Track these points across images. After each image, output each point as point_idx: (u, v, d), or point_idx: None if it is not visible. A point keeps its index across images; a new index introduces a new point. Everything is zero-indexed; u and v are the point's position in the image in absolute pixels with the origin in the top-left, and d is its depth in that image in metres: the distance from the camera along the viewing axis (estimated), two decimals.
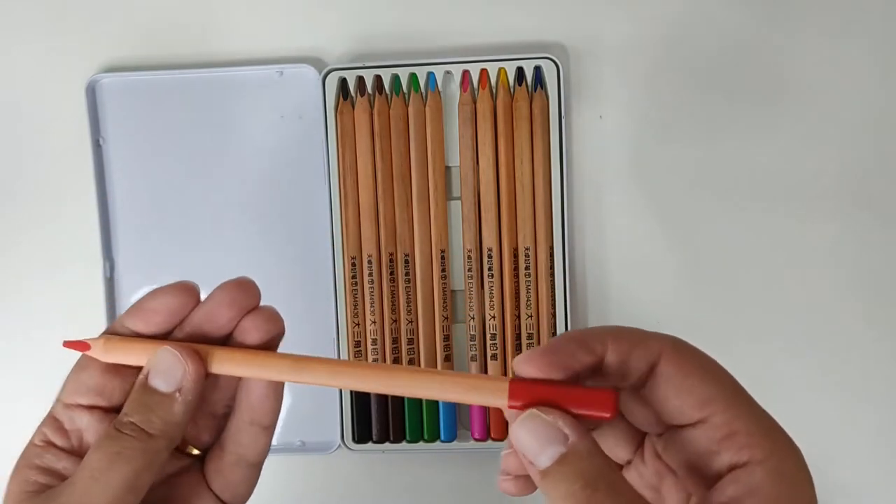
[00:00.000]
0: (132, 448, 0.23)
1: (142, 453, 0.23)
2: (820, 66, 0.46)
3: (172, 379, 0.24)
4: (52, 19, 0.49)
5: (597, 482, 0.20)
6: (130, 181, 0.48)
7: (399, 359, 0.46)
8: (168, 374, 0.24)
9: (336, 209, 0.46)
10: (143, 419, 0.23)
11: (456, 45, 0.47)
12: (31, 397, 0.50)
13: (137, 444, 0.23)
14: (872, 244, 0.46)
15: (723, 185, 0.46)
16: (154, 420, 0.23)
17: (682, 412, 0.22)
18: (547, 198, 0.45)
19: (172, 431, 0.23)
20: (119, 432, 0.23)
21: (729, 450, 0.21)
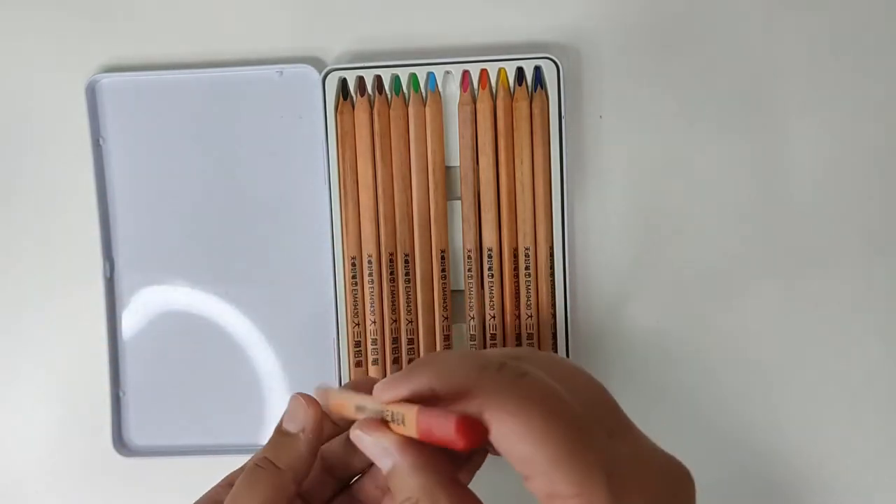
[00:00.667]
0: (264, 479, 0.27)
1: (271, 484, 0.27)
2: (822, 63, 0.46)
3: (298, 420, 0.28)
4: (52, 19, 0.49)
5: (420, 496, 0.23)
6: (130, 181, 0.48)
7: (399, 359, 0.46)
8: (295, 416, 0.28)
9: (336, 209, 0.46)
10: (274, 455, 0.28)
11: (456, 45, 0.47)
12: (31, 397, 0.50)
13: (268, 475, 0.28)
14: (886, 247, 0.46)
15: (724, 185, 0.46)
16: (282, 456, 0.27)
17: (514, 464, 0.22)
18: (547, 198, 0.45)
19: (298, 465, 0.27)
20: (256, 466, 0.28)
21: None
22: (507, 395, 0.22)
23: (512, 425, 0.22)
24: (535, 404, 0.22)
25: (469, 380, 0.22)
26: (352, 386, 0.29)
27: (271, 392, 0.48)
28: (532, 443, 0.21)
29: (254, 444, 0.48)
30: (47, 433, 0.50)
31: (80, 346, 0.49)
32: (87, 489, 0.50)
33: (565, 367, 0.24)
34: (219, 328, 0.48)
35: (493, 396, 0.22)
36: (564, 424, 0.21)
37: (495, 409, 0.22)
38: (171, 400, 0.49)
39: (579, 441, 0.21)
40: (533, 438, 0.21)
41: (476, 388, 0.22)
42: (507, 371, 0.22)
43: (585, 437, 0.21)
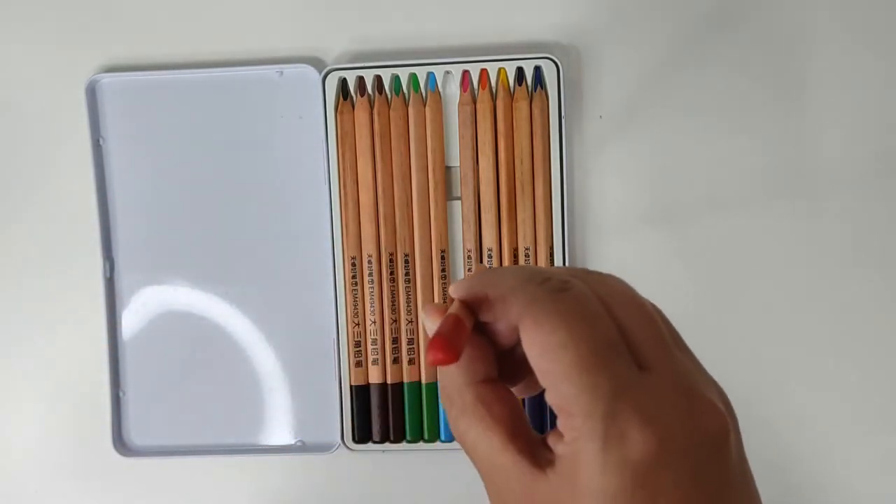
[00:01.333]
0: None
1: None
2: (824, 62, 0.46)
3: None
4: (51, 19, 0.49)
5: (450, 392, 0.24)
6: (130, 181, 0.48)
7: (399, 359, 0.46)
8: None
9: (336, 209, 0.46)
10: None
11: (456, 45, 0.47)
12: (31, 398, 0.50)
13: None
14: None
15: (724, 185, 0.46)
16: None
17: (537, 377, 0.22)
18: (547, 198, 0.45)
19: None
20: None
21: (558, 421, 0.22)
22: (541, 306, 0.22)
23: (535, 335, 0.22)
24: (562, 318, 0.22)
25: (513, 290, 0.23)
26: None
27: (271, 392, 0.48)
28: (549, 354, 0.21)
29: (254, 444, 0.48)
30: (47, 433, 0.50)
31: (80, 346, 0.49)
32: (87, 489, 0.50)
33: (618, 290, 0.23)
34: (219, 328, 0.48)
35: (528, 307, 0.22)
36: (585, 342, 0.21)
37: (526, 318, 0.22)
38: (171, 400, 0.49)
39: (593, 362, 0.21)
40: (551, 350, 0.21)
41: (516, 298, 0.23)
42: (548, 285, 0.23)
43: (601, 360, 0.21)
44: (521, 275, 0.23)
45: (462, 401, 0.23)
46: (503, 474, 0.22)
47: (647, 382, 0.21)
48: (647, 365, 0.22)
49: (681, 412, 0.21)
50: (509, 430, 0.23)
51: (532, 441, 0.23)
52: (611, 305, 0.22)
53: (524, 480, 0.22)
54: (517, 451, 0.22)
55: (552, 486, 0.21)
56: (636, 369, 0.22)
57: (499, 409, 0.23)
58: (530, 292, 0.22)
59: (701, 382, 0.22)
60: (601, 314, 0.22)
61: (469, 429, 0.23)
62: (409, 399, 0.46)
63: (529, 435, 0.23)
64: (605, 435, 0.20)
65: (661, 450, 0.20)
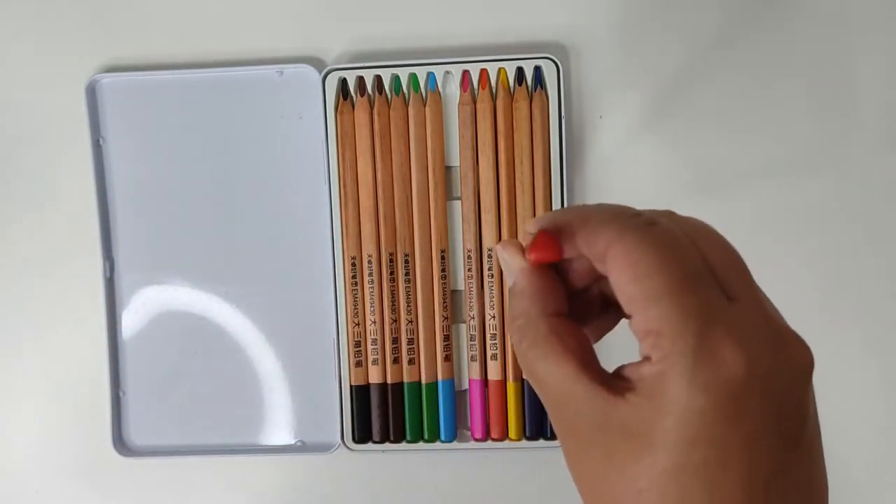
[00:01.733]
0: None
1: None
2: (822, 61, 0.46)
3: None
4: (52, 19, 0.49)
5: (522, 323, 0.24)
6: (130, 181, 0.48)
7: (399, 359, 0.46)
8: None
9: (336, 209, 0.46)
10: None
11: (456, 45, 0.47)
12: (31, 398, 0.50)
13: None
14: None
15: (725, 185, 0.46)
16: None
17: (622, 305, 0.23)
18: (547, 198, 0.45)
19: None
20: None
21: (643, 346, 0.22)
22: (632, 235, 0.22)
23: (624, 262, 0.22)
24: (651, 245, 0.22)
25: (602, 221, 0.23)
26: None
27: (271, 392, 0.48)
28: (640, 280, 0.22)
29: (254, 444, 0.48)
30: (47, 433, 0.50)
31: (80, 346, 0.49)
32: (87, 489, 0.50)
33: (703, 228, 0.24)
34: (219, 328, 0.48)
35: (619, 236, 0.23)
36: (675, 268, 0.22)
37: (616, 246, 0.22)
38: (171, 400, 0.49)
39: (684, 286, 0.22)
40: (642, 275, 0.22)
41: (606, 228, 0.23)
42: (638, 219, 0.23)
43: (692, 285, 0.22)
44: (610, 208, 0.24)
45: (535, 332, 0.24)
46: (575, 403, 0.23)
47: (736, 310, 0.22)
48: (734, 296, 0.22)
49: (771, 340, 0.22)
50: (581, 360, 0.23)
51: (603, 372, 0.23)
52: (697, 241, 0.23)
53: (599, 406, 0.22)
54: (590, 380, 0.23)
55: (632, 408, 0.22)
56: (724, 298, 0.22)
57: (571, 341, 0.24)
58: (620, 223, 0.23)
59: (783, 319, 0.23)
60: (689, 246, 0.23)
61: (540, 359, 0.24)
62: (409, 399, 0.46)
63: (599, 367, 0.24)
64: (697, 353, 0.21)
65: (751, 372, 0.21)
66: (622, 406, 0.22)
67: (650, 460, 0.21)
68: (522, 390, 0.46)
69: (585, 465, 0.23)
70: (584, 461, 0.23)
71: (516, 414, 0.46)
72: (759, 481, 0.21)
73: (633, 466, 0.21)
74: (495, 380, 0.46)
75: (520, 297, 0.25)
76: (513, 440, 0.46)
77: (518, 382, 0.46)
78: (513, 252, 0.25)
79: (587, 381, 0.23)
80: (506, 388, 0.46)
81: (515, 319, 0.25)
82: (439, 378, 0.47)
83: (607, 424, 0.22)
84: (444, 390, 0.47)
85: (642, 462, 0.21)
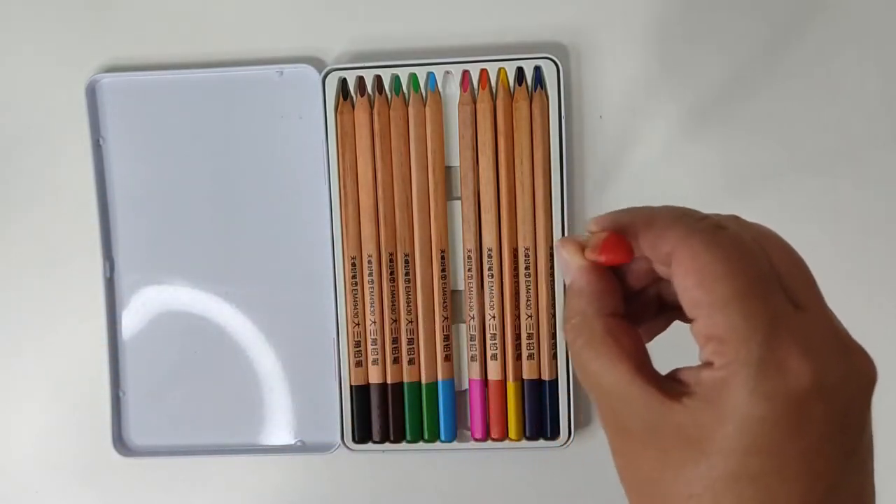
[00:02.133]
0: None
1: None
2: (821, 62, 0.46)
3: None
4: (51, 19, 0.49)
5: (578, 322, 0.24)
6: (130, 181, 0.48)
7: (399, 359, 0.46)
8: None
9: (336, 209, 0.46)
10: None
11: (456, 45, 0.47)
12: (31, 397, 0.50)
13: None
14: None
15: (725, 185, 0.46)
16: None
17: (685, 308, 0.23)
18: (547, 198, 0.45)
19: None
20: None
21: (704, 351, 0.22)
22: (699, 238, 0.22)
23: (691, 266, 0.22)
24: (719, 249, 0.22)
25: (668, 223, 0.23)
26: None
27: (271, 392, 0.48)
28: (706, 284, 0.22)
29: (254, 444, 0.48)
30: (47, 433, 0.50)
31: (80, 346, 0.49)
32: (87, 489, 0.50)
33: (770, 234, 0.24)
34: (219, 328, 0.48)
35: (686, 239, 0.22)
36: (743, 274, 0.22)
37: (683, 250, 0.22)
38: (171, 400, 0.49)
39: (751, 292, 0.21)
40: (709, 280, 0.22)
41: (672, 231, 0.23)
42: (705, 222, 0.23)
43: (760, 292, 0.21)
44: (676, 210, 0.24)
45: (590, 331, 0.24)
46: (629, 404, 0.23)
47: (803, 319, 0.21)
48: (801, 305, 0.22)
49: (837, 351, 0.21)
50: (637, 361, 0.23)
51: (657, 374, 0.23)
52: (765, 247, 0.23)
53: (654, 408, 0.22)
54: (645, 381, 0.22)
55: (689, 413, 0.21)
56: (791, 306, 0.22)
57: (627, 342, 0.23)
58: (687, 226, 0.23)
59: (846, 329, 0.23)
60: (757, 252, 0.22)
61: (594, 359, 0.23)
62: (409, 399, 0.46)
63: (653, 369, 0.23)
64: (762, 361, 0.21)
65: (817, 383, 0.20)
66: (678, 410, 0.22)
67: (705, 466, 0.21)
68: (522, 390, 0.46)
69: (636, 465, 0.23)
70: (634, 462, 0.23)
71: (516, 414, 0.46)
72: (816, 493, 0.21)
73: (687, 470, 0.21)
74: (495, 380, 0.46)
75: (577, 295, 0.25)
76: (513, 440, 0.46)
77: (518, 382, 0.46)
78: (572, 250, 0.25)
79: (642, 383, 0.23)
80: (506, 388, 0.46)
81: (571, 318, 0.25)
82: (439, 378, 0.47)
83: (662, 427, 0.22)
84: (444, 390, 0.47)
85: (698, 467, 0.21)
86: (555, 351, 0.46)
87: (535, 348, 0.46)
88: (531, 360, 0.46)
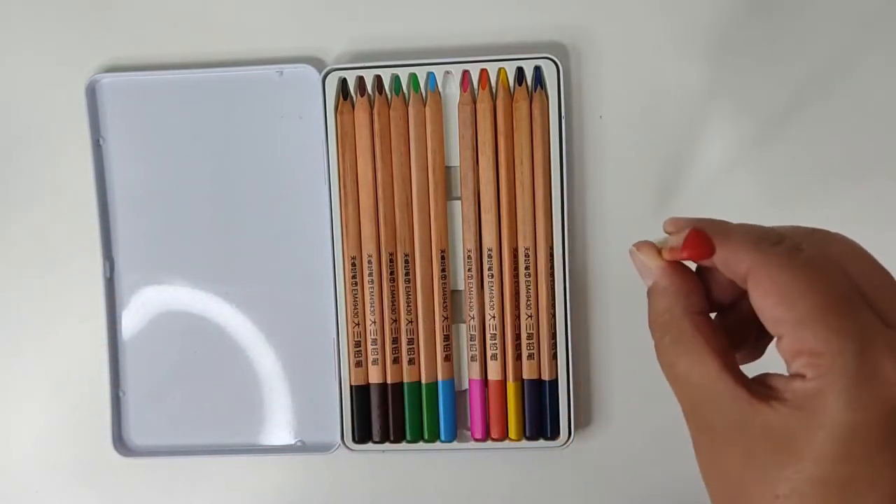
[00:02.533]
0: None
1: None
2: (824, 63, 0.46)
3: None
4: (51, 19, 0.49)
5: (666, 320, 0.25)
6: (130, 181, 0.48)
7: (399, 359, 0.46)
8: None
9: (336, 209, 0.46)
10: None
11: (456, 45, 0.47)
12: (31, 397, 0.50)
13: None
14: None
15: (725, 185, 0.46)
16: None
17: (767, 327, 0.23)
18: (547, 198, 0.45)
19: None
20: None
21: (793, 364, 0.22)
22: (776, 260, 0.23)
23: (770, 285, 0.22)
24: (798, 269, 0.22)
25: (743, 244, 0.24)
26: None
27: (271, 392, 0.48)
28: (787, 302, 0.22)
29: (254, 444, 0.48)
30: (47, 433, 0.50)
31: (80, 346, 0.49)
32: (86, 489, 0.50)
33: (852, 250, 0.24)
34: (219, 328, 0.48)
35: (763, 261, 0.23)
36: (825, 290, 0.22)
37: (759, 270, 0.23)
38: (171, 400, 0.49)
39: (837, 309, 0.22)
40: (789, 297, 0.22)
41: (748, 253, 0.23)
42: (782, 246, 0.23)
43: (844, 308, 0.22)
44: (754, 230, 0.24)
45: (678, 329, 0.24)
46: (715, 402, 0.23)
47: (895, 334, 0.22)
48: (891, 323, 0.22)
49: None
50: (725, 359, 0.23)
51: (744, 375, 0.23)
52: (845, 265, 0.23)
53: (741, 407, 0.22)
54: (733, 380, 0.23)
55: (780, 417, 0.22)
56: (879, 322, 0.22)
57: (714, 340, 0.24)
58: (764, 250, 0.23)
59: None
60: (837, 271, 0.23)
61: (682, 356, 0.24)
62: (409, 399, 0.46)
63: (740, 370, 0.24)
64: (858, 372, 0.21)
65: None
66: (767, 412, 0.22)
67: (794, 469, 0.21)
68: (522, 390, 0.46)
69: (720, 463, 0.23)
70: (719, 459, 0.23)
71: (516, 414, 0.46)
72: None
73: (774, 471, 0.22)
74: (495, 380, 0.46)
75: (661, 295, 0.25)
76: (513, 440, 0.46)
77: (518, 382, 0.46)
78: (649, 253, 0.26)
79: (730, 381, 0.23)
80: (506, 388, 0.46)
81: (659, 316, 0.25)
82: (439, 378, 0.47)
83: (748, 426, 0.22)
84: (444, 390, 0.47)
85: (786, 469, 0.22)
86: (555, 351, 0.46)
87: (535, 348, 0.46)
88: (531, 360, 0.46)
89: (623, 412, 0.47)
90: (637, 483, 0.47)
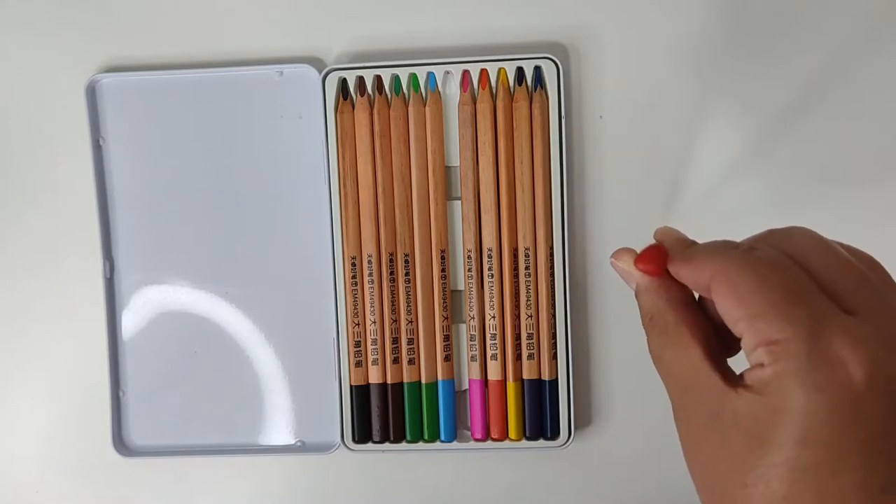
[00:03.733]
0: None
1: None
2: (826, 61, 0.46)
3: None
4: (51, 19, 0.49)
5: (653, 314, 0.26)
6: (130, 181, 0.48)
7: (399, 359, 0.46)
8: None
9: (336, 209, 0.46)
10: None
11: (456, 45, 0.47)
12: (31, 397, 0.50)
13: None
14: None
15: (726, 185, 0.46)
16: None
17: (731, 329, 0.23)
18: (547, 198, 0.45)
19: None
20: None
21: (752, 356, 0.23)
22: (731, 262, 0.24)
23: (727, 288, 0.23)
24: (750, 267, 0.23)
25: (705, 255, 0.25)
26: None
27: (271, 392, 0.48)
28: (743, 300, 0.23)
29: (254, 444, 0.48)
30: (47, 433, 0.50)
31: (80, 346, 0.49)
32: (87, 489, 0.50)
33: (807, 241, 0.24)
34: (219, 328, 0.48)
35: (720, 265, 0.24)
36: (777, 285, 0.22)
37: (719, 276, 0.24)
38: (171, 400, 0.49)
39: (787, 298, 0.22)
40: (744, 295, 0.23)
41: (709, 260, 0.24)
42: (737, 249, 0.24)
43: (797, 298, 0.22)
44: (716, 243, 0.26)
45: (664, 321, 0.25)
46: (696, 390, 0.24)
47: (854, 320, 0.22)
48: (852, 309, 0.22)
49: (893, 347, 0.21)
50: (706, 347, 0.24)
51: (724, 363, 0.24)
52: (800, 258, 0.23)
53: (717, 395, 0.23)
54: (712, 368, 0.24)
55: (744, 403, 0.22)
56: (838, 309, 0.22)
57: (697, 330, 0.25)
58: (720, 256, 0.24)
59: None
60: (790, 265, 0.23)
61: (668, 348, 0.25)
62: (409, 399, 0.46)
63: (722, 357, 0.24)
64: (810, 354, 0.21)
65: (871, 377, 0.21)
66: (734, 398, 0.23)
67: (759, 454, 0.22)
68: (522, 390, 0.46)
69: (700, 452, 0.24)
70: (699, 449, 0.24)
71: (516, 414, 0.46)
72: (870, 488, 0.21)
73: (743, 459, 0.22)
74: (495, 380, 0.46)
75: (644, 294, 0.27)
76: (513, 440, 0.46)
77: (518, 382, 0.46)
78: (627, 259, 0.28)
79: (709, 370, 0.24)
80: (506, 389, 0.46)
81: (647, 314, 0.26)
82: (439, 378, 0.47)
83: (722, 413, 0.23)
84: (444, 390, 0.47)
85: (751, 456, 0.22)
86: (555, 351, 0.46)
87: (535, 348, 0.46)
88: (531, 360, 0.46)
89: (623, 412, 0.47)
90: (637, 483, 0.47)
